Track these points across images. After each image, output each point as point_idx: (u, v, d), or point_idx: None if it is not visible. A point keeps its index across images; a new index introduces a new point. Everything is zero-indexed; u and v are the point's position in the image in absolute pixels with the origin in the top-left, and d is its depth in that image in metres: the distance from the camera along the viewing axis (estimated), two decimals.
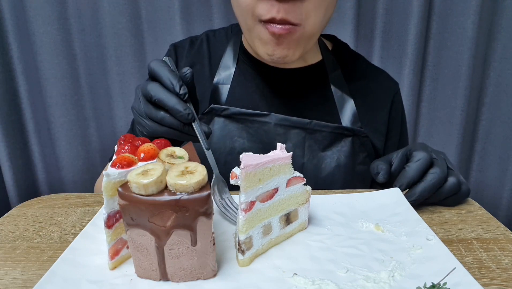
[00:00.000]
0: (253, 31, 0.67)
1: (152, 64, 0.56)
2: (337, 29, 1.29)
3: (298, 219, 0.50)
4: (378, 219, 0.54)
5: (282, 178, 0.47)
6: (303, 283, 0.42)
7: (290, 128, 0.74)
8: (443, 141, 1.41)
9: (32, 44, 1.25)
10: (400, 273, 0.43)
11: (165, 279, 0.42)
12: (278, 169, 0.46)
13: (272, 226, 0.47)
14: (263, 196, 0.45)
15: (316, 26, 0.66)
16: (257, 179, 0.44)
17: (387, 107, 0.83)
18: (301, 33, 0.65)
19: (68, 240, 0.50)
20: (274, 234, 0.48)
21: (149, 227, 0.39)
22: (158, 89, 0.54)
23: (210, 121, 0.74)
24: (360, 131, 0.76)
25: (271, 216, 0.47)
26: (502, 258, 0.47)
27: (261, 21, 0.64)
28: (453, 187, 0.58)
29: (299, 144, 0.75)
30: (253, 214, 0.45)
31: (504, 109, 1.38)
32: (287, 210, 0.49)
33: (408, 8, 1.27)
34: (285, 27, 0.63)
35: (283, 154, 0.46)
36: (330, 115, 0.77)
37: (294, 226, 0.50)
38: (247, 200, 0.44)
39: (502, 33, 1.31)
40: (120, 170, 0.41)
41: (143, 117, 0.58)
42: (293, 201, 0.49)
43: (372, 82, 0.84)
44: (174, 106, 0.53)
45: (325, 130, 0.75)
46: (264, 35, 0.65)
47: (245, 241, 0.45)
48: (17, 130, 1.31)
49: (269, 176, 0.45)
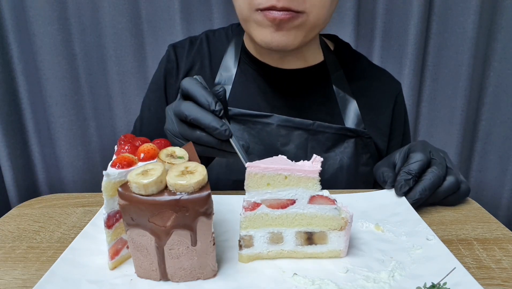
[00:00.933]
0: (250, 19, 0.65)
1: (184, 82, 0.54)
2: (337, 29, 1.29)
3: (327, 244, 0.45)
4: (378, 219, 0.54)
5: (303, 191, 0.43)
6: (303, 283, 0.42)
7: (293, 129, 0.74)
8: (443, 141, 1.41)
9: (32, 44, 1.25)
10: (400, 273, 0.43)
11: (165, 279, 0.42)
12: (297, 181, 0.43)
13: (283, 238, 0.45)
14: (272, 202, 0.44)
15: (320, 16, 0.65)
16: (264, 183, 0.43)
17: (390, 108, 0.82)
18: (304, 21, 0.64)
19: (68, 240, 0.50)
20: (287, 247, 0.46)
21: (149, 227, 0.39)
22: (193, 107, 0.52)
23: None
24: (363, 132, 0.76)
25: (283, 227, 0.45)
26: (502, 258, 0.47)
27: (258, 9, 0.63)
28: (452, 186, 0.58)
29: (302, 145, 0.74)
30: (256, 216, 0.45)
31: (504, 109, 1.38)
32: (309, 229, 0.45)
33: (408, 8, 1.26)
34: (286, 13, 0.61)
35: (309, 167, 0.43)
36: (333, 116, 0.77)
37: (320, 249, 0.46)
38: (250, 200, 0.44)
39: (502, 33, 1.31)
40: (120, 170, 0.41)
41: (178, 138, 0.56)
42: (319, 221, 0.45)
43: (374, 82, 0.83)
44: (210, 123, 0.51)
45: (328, 131, 0.74)
46: (262, 21, 0.64)
47: (243, 237, 0.45)
48: (17, 130, 1.31)
49: (282, 184, 0.43)
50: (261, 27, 0.65)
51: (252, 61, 0.79)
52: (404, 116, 0.86)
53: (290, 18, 0.62)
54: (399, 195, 0.58)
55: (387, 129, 0.82)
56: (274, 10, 0.61)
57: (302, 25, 0.64)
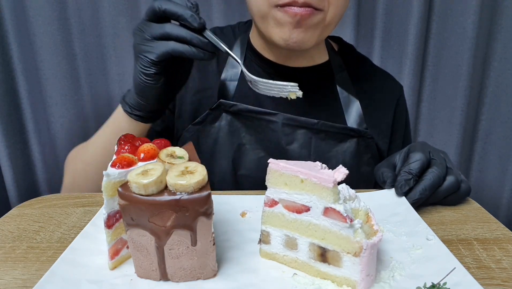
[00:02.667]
0: (268, 16, 0.66)
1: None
2: (337, 29, 1.27)
3: (341, 267, 0.42)
4: (378, 219, 0.54)
5: (317, 200, 0.42)
6: (303, 283, 0.42)
7: (297, 128, 0.74)
8: (443, 141, 1.41)
9: (32, 44, 1.25)
10: (400, 273, 0.43)
11: (165, 279, 0.42)
12: (312, 187, 0.41)
13: (298, 245, 0.44)
14: (288, 203, 0.44)
15: (336, 14, 0.66)
16: (282, 182, 0.43)
17: (392, 110, 0.83)
18: (322, 19, 0.65)
19: (68, 240, 0.50)
20: (301, 256, 0.44)
21: (149, 227, 0.39)
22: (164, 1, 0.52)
23: (218, 116, 0.74)
24: (366, 132, 0.76)
25: (297, 233, 0.44)
26: (502, 258, 0.47)
27: (277, 5, 0.63)
28: (452, 185, 0.58)
29: (305, 144, 0.74)
30: (274, 214, 0.45)
31: (504, 109, 1.38)
32: (322, 243, 0.43)
33: (408, 8, 1.26)
34: (307, 9, 0.62)
35: (327, 176, 0.40)
36: (336, 115, 0.77)
37: (333, 271, 0.42)
38: (269, 196, 0.45)
39: (502, 33, 1.31)
40: (120, 170, 0.41)
41: (148, 41, 0.54)
42: (332, 239, 0.42)
43: (377, 84, 0.84)
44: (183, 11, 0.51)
45: (331, 131, 0.74)
46: (282, 18, 0.64)
47: (263, 232, 0.46)
48: (17, 130, 1.31)
49: (298, 188, 0.42)
50: (279, 25, 0.65)
51: (258, 58, 0.79)
52: (406, 118, 0.87)
53: (310, 15, 0.62)
54: (399, 195, 0.58)
55: (388, 130, 0.82)
56: (294, 6, 0.62)
57: (319, 23, 0.65)
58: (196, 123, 0.74)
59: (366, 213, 0.43)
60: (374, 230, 0.41)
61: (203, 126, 0.74)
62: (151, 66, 0.55)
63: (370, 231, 0.41)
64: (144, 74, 0.56)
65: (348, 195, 0.43)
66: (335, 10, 0.65)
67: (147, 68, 0.55)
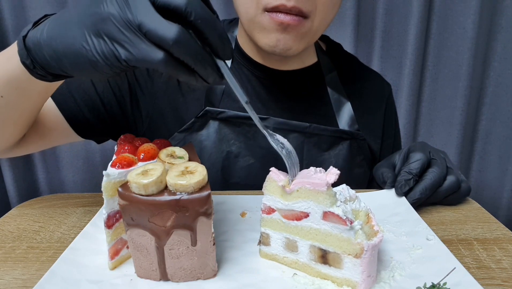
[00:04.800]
0: (255, 21, 0.63)
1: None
2: (337, 29, 1.29)
3: (342, 269, 0.42)
4: (378, 219, 0.54)
5: (315, 206, 0.41)
6: (303, 283, 0.42)
7: (289, 132, 0.72)
8: (443, 141, 1.41)
9: None
10: (400, 273, 0.43)
11: (165, 279, 0.42)
12: (308, 194, 0.42)
13: (298, 247, 0.44)
14: (286, 212, 0.44)
15: (323, 21, 0.64)
16: (279, 193, 0.44)
17: (382, 109, 0.82)
18: (309, 27, 0.63)
19: (68, 240, 0.50)
20: (302, 258, 0.44)
21: (149, 227, 0.39)
22: (200, 5, 0.35)
23: (205, 124, 0.71)
24: (358, 134, 0.75)
25: (297, 236, 0.44)
26: (502, 258, 0.47)
27: (266, 9, 0.61)
28: (452, 185, 0.58)
29: (298, 148, 0.72)
30: (272, 220, 0.45)
31: (504, 109, 1.38)
32: (323, 246, 0.42)
33: (408, 8, 1.27)
34: (294, 18, 0.60)
35: (319, 180, 0.41)
36: (327, 118, 0.76)
37: (334, 272, 0.42)
38: (266, 203, 0.45)
39: (502, 33, 1.31)
40: (120, 170, 0.41)
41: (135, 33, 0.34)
42: (333, 241, 0.42)
43: (367, 84, 0.83)
44: (218, 34, 0.36)
45: (324, 134, 0.73)
46: (268, 24, 0.62)
47: (262, 234, 0.46)
48: None
49: (294, 197, 0.43)
50: (266, 31, 0.63)
51: (247, 61, 0.76)
52: (395, 117, 0.87)
53: (298, 24, 0.61)
54: (399, 194, 0.58)
55: (379, 130, 0.81)
56: (281, 12, 0.60)
57: (307, 32, 0.63)
58: (182, 131, 0.71)
59: (367, 214, 0.43)
60: (374, 231, 0.41)
61: (190, 134, 0.71)
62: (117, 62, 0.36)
63: (371, 231, 0.41)
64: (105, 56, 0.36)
65: (349, 196, 0.43)
66: (323, 16, 0.63)
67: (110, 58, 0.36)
